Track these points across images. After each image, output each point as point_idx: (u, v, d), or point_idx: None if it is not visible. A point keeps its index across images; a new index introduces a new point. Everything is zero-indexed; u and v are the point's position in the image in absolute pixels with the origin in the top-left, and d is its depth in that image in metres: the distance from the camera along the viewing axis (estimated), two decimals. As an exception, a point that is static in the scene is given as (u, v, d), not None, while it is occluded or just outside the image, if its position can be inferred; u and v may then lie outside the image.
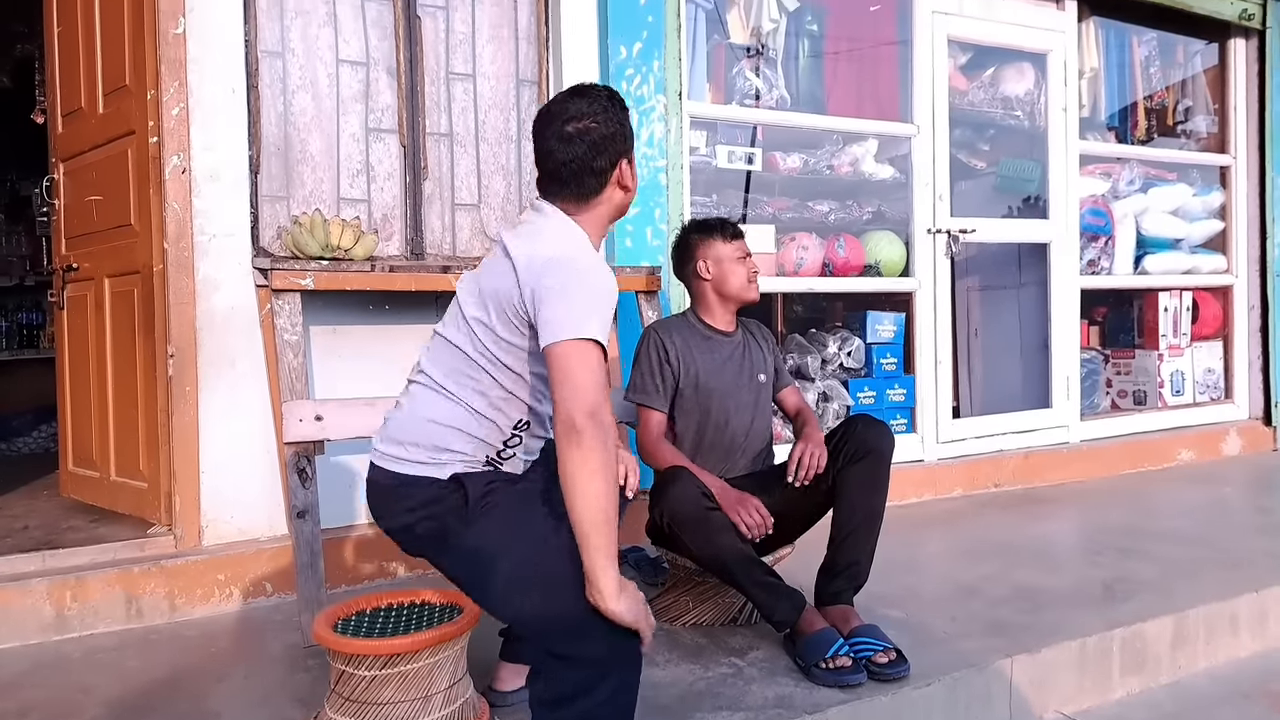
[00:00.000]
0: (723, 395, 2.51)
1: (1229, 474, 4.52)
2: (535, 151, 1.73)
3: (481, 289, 1.68)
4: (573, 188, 1.70)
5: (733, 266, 2.53)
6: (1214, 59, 5.19)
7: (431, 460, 1.69)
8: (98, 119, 3.06)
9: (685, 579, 2.51)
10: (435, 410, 1.70)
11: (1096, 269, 4.67)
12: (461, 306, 1.71)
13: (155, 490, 2.88)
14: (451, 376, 1.69)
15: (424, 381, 1.74)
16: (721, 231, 2.55)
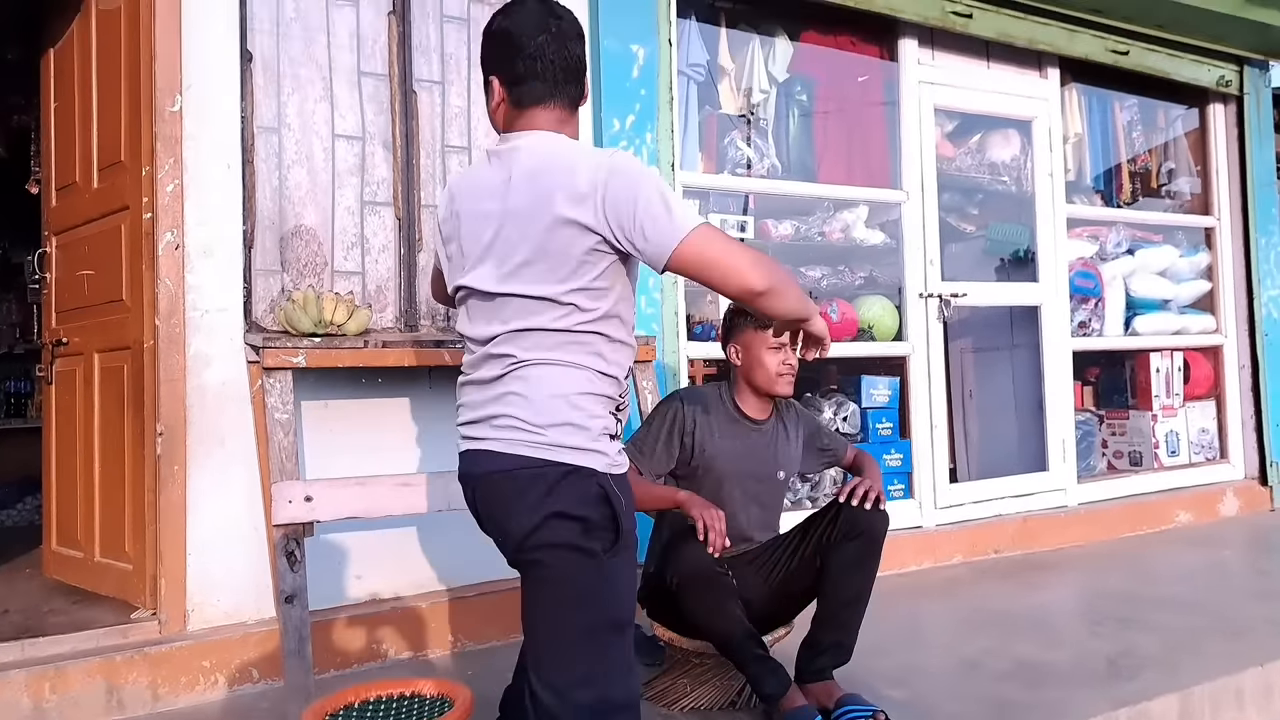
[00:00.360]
0: (734, 484, 2.47)
1: (1227, 536, 4.49)
2: (516, 61, 1.56)
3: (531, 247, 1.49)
4: (569, 89, 1.58)
5: (761, 356, 2.46)
6: (1195, 122, 5.30)
7: (582, 446, 1.49)
8: (92, 194, 3.07)
9: (683, 660, 2.45)
10: (561, 384, 1.50)
11: (1088, 330, 4.70)
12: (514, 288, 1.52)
13: (140, 572, 2.81)
14: (558, 349, 1.51)
15: (530, 360, 1.51)
16: (756, 321, 2.44)
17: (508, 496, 1.51)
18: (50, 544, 3.31)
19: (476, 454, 1.57)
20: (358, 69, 3.09)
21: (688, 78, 3.76)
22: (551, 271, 1.49)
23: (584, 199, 1.46)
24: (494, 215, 1.56)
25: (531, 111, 1.59)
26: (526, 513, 1.48)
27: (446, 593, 3.07)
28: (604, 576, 1.49)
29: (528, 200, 1.51)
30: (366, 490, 2.65)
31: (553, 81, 1.58)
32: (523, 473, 1.49)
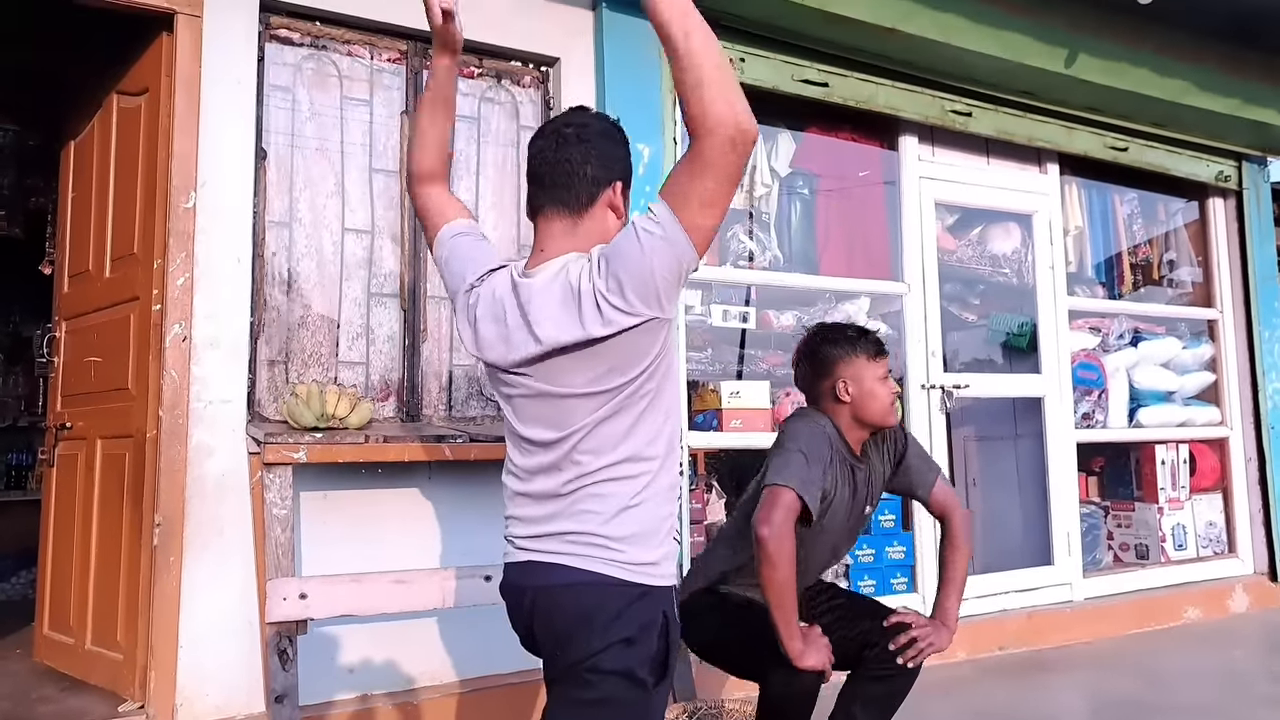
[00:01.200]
0: (834, 527, 2.31)
1: (1238, 634, 4.41)
2: (528, 166, 1.61)
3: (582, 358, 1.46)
4: (560, 193, 1.54)
5: (875, 388, 2.27)
6: (1195, 214, 5.36)
7: (642, 564, 1.46)
8: (103, 282, 3.12)
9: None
10: (623, 495, 1.47)
11: (1091, 422, 4.68)
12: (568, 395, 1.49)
13: (131, 663, 2.78)
14: (620, 450, 1.47)
15: (599, 475, 1.48)
16: (865, 348, 2.28)
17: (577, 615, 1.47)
18: (42, 628, 3.29)
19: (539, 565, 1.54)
20: (369, 166, 3.17)
21: (692, 173, 3.82)
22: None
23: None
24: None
25: (539, 222, 1.61)
26: (597, 634, 1.43)
27: (439, 689, 3.02)
28: (649, 709, 1.47)
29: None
30: (362, 588, 2.64)
31: (550, 186, 1.57)
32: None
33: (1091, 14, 4.12)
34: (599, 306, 1.41)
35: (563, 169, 1.55)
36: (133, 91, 3.05)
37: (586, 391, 1.47)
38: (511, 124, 3.44)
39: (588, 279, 1.43)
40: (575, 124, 1.60)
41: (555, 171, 1.56)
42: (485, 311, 1.58)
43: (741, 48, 3.66)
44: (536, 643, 1.57)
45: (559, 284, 1.48)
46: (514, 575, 1.58)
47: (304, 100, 3.09)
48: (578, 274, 1.46)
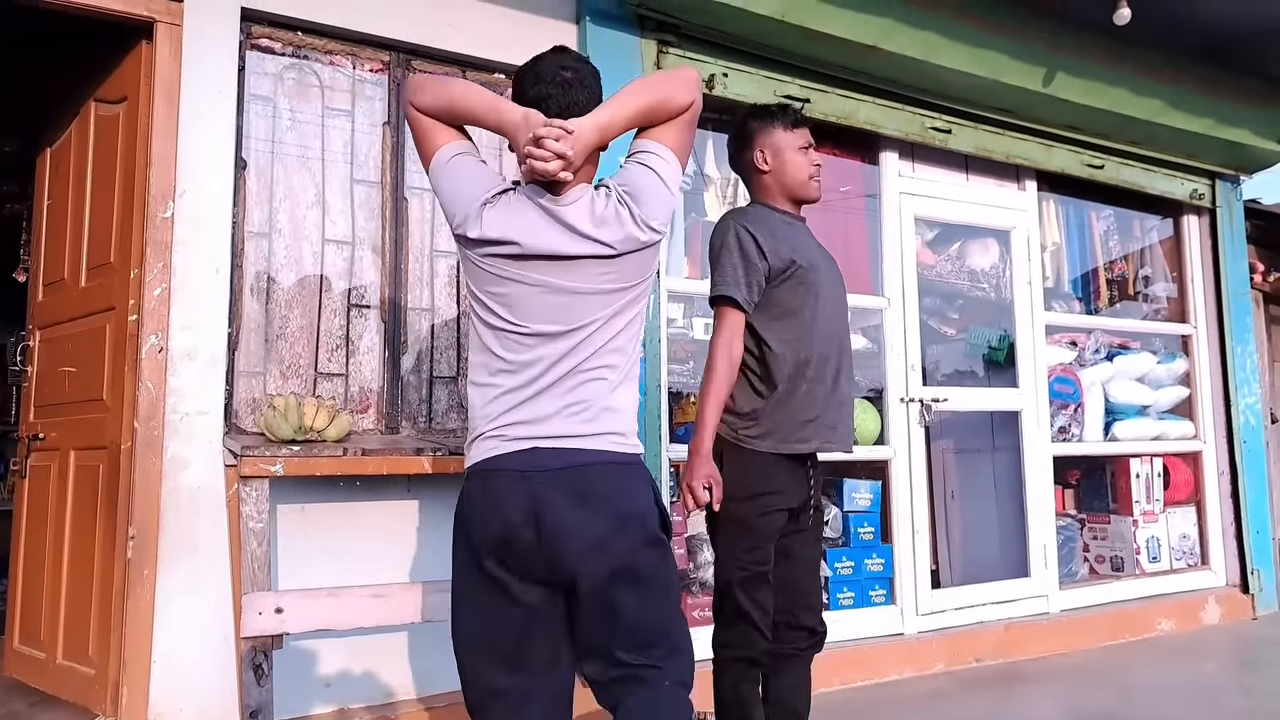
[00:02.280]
0: (826, 298, 2.39)
1: (1210, 647, 4.46)
2: (535, 107, 1.72)
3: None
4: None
5: (793, 157, 2.37)
6: (1170, 231, 5.43)
7: (631, 437, 1.71)
8: (79, 292, 3.09)
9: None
10: (614, 381, 1.70)
11: (1068, 435, 4.73)
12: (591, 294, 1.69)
13: (103, 678, 2.75)
14: (612, 355, 1.70)
15: (599, 362, 1.69)
16: (782, 119, 2.37)
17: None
18: (12, 642, 3.24)
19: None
20: (350, 177, 3.15)
21: (674, 186, 3.84)
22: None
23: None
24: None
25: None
26: (632, 501, 1.69)
27: (417, 702, 3.00)
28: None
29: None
30: (339, 601, 2.62)
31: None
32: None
33: (1070, 34, 4.19)
34: (638, 223, 1.69)
35: (574, 113, 1.71)
36: (111, 99, 3.02)
37: (604, 289, 1.69)
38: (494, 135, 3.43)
39: (621, 204, 1.69)
40: (571, 67, 1.76)
41: (567, 115, 1.70)
42: (513, 207, 1.71)
43: (724, 63, 3.69)
44: (535, 529, 1.62)
45: (594, 205, 1.69)
46: (517, 462, 1.65)
47: (285, 110, 3.07)
48: (604, 200, 1.70)
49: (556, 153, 1.63)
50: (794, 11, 3.54)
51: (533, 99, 1.74)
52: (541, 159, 1.64)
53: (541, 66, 1.77)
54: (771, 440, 2.36)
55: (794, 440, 2.36)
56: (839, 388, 2.42)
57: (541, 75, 1.75)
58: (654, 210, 1.70)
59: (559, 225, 1.68)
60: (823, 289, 2.40)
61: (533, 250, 1.68)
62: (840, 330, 2.47)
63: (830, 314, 2.42)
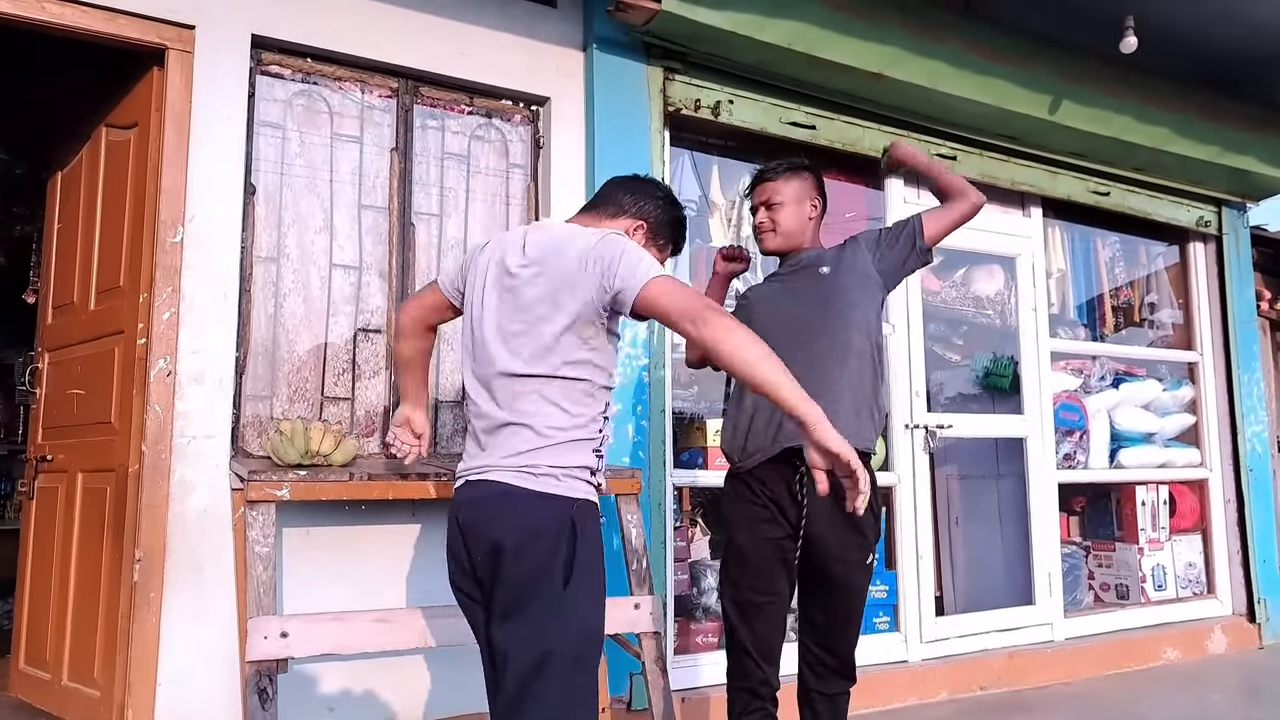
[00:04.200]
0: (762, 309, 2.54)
1: (1216, 677, 4.42)
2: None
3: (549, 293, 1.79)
4: (603, 205, 2.00)
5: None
6: (1176, 257, 5.43)
7: (562, 479, 1.78)
8: (88, 315, 3.11)
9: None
10: (552, 419, 1.77)
11: (1073, 463, 4.72)
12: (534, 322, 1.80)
13: (108, 700, 2.75)
14: (556, 392, 1.79)
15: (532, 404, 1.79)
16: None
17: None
18: (18, 663, 3.24)
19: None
20: (358, 202, 3.18)
21: (680, 213, 3.86)
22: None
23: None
24: None
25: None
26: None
27: (419, 728, 3.00)
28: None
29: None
30: (344, 626, 2.61)
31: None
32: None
33: (1076, 62, 4.21)
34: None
35: (609, 192, 2.08)
36: (122, 125, 3.06)
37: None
38: (501, 161, 3.46)
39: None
40: (643, 187, 2.08)
41: (606, 189, 2.10)
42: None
43: (730, 90, 3.71)
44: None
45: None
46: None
47: (294, 136, 3.10)
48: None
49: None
50: (800, 39, 3.57)
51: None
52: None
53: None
54: (733, 463, 2.49)
55: (740, 459, 2.45)
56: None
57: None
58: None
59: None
60: (758, 311, 2.51)
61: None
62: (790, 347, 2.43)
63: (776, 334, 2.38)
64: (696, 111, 3.66)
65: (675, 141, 3.77)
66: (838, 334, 2.43)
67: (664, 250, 2.04)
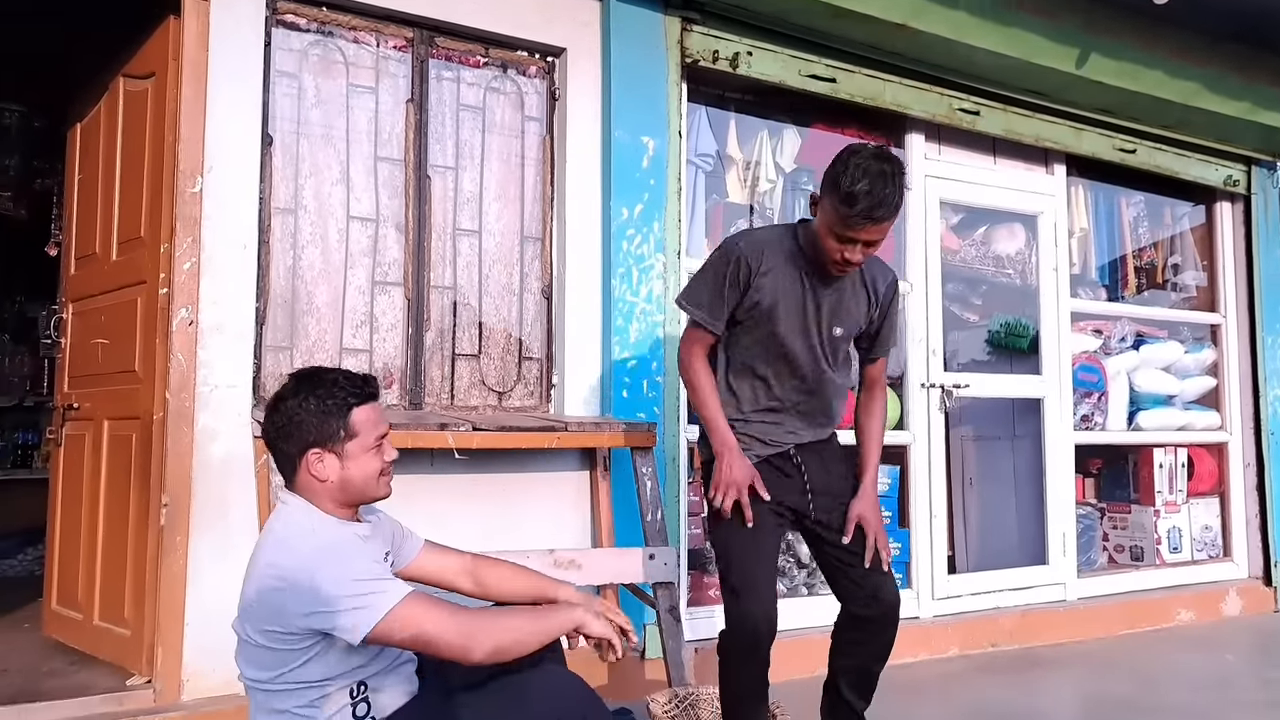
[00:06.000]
0: (785, 331, 2.34)
1: (1231, 638, 4.43)
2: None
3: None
4: (276, 462, 1.84)
5: (826, 239, 2.20)
6: (1202, 218, 5.35)
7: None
8: (110, 265, 3.15)
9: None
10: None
11: (1090, 424, 4.70)
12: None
13: (138, 639, 2.83)
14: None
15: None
16: (845, 205, 2.12)
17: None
18: (50, 603, 3.34)
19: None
20: (374, 154, 3.18)
21: (696, 167, 3.84)
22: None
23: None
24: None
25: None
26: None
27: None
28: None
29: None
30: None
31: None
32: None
33: (1105, 15, 4.11)
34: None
35: (268, 440, 1.89)
36: (139, 75, 3.07)
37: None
38: (516, 114, 3.45)
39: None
40: (283, 398, 1.84)
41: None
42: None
43: (749, 41, 3.67)
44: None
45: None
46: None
47: (310, 87, 3.10)
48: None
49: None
50: (822, -12, 3.51)
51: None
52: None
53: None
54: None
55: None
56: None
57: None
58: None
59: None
60: (778, 310, 2.36)
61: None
62: (795, 384, 2.43)
63: (781, 360, 2.40)
64: (715, 63, 3.62)
65: (692, 95, 3.73)
66: (835, 366, 2.46)
67: None
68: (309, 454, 1.77)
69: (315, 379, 1.80)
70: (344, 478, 1.79)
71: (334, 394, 1.78)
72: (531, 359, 3.44)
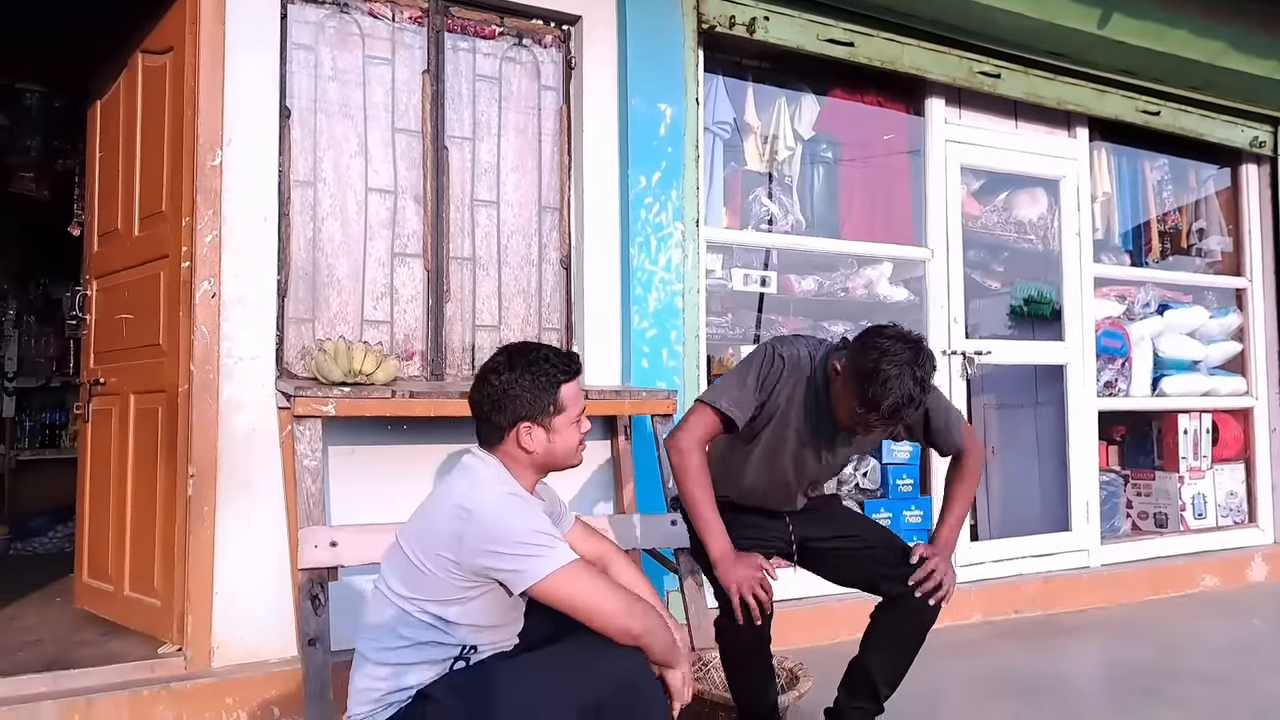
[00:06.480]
0: (781, 450, 2.35)
1: (1255, 604, 4.40)
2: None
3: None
4: (481, 430, 1.90)
5: (846, 403, 2.18)
6: (1227, 182, 5.27)
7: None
8: (133, 241, 3.17)
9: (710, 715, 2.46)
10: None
11: (1114, 390, 4.66)
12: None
13: (168, 609, 2.87)
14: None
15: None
16: (862, 393, 2.12)
17: None
18: (81, 575, 3.39)
19: None
20: (392, 125, 3.18)
21: (713, 135, 3.82)
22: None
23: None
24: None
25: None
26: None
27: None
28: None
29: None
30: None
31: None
32: None
33: (1127, -28, 4.04)
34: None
35: (478, 410, 1.92)
36: (157, 50, 3.07)
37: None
38: (533, 84, 3.44)
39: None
40: (494, 372, 1.89)
41: (473, 410, 1.95)
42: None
43: (765, 6, 3.63)
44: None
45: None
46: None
47: (326, 60, 3.10)
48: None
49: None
50: (839, -49, 3.47)
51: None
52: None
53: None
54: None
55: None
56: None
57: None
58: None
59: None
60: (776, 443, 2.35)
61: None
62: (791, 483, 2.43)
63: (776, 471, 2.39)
64: (731, 29, 3.59)
65: (709, 62, 3.70)
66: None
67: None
68: (520, 426, 1.85)
69: (528, 355, 1.87)
70: (549, 449, 1.88)
71: (546, 371, 1.86)
72: (551, 329, 3.45)
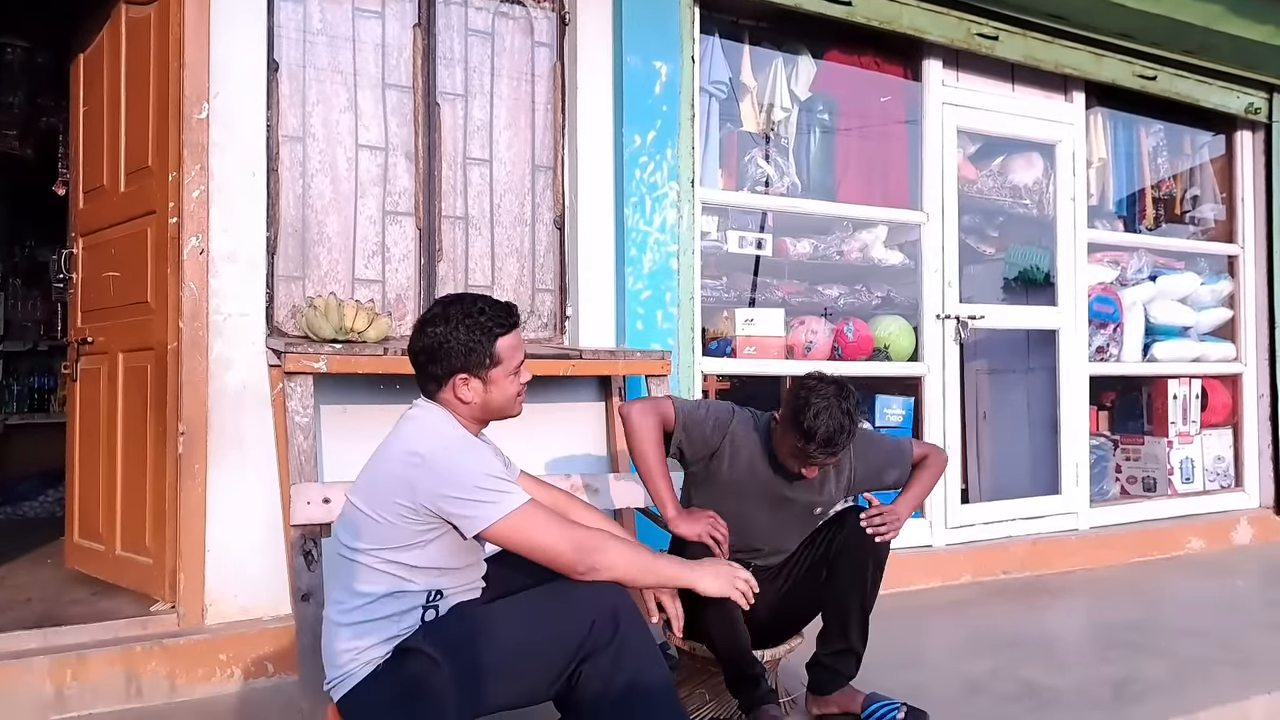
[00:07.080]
0: (748, 503, 2.40)
1: (1240, 565, 4.45)
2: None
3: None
4: (420, 380, 1.90)
5: (786, 451, 2.31)
6: (1221, 149, 5.26)
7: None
8: (119, 197, 3.12)
9: (701, 670, 2.46)
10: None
11: (1105, 355, 4.67)
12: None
13: (160, 567, 2.87)
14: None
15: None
16: (800, 436, 2.25)
17: None
18: (72, 536, 3.37)
19: None
20: (382, 81, 3.14)
21: (709, 95, 3.78)
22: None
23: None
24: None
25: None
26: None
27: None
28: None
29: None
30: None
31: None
32: None
33: (1127, -67, 3.99)
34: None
35: (416, 362, 1.93)
36: (141, 0, 3.01)
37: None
38: (526, 40, 3.38)
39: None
40: (431, 324, 1.89)
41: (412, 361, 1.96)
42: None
43: (763, -36, 3.58)
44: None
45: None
46: None
47: (315, 11, 3.05)
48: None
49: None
50: (836, -92, 3.42)
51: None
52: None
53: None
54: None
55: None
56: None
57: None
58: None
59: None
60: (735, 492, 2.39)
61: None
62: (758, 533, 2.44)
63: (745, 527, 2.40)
64: (727, -14, 3.54)
65: (706, 21, 3.66)
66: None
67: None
68: (455, 378, 1.85)
69: (464, 307, 1.85)
70: (486, 400, 1.88)
71: (481, 324, 1.84)
72: (545, 290, 3.43)
